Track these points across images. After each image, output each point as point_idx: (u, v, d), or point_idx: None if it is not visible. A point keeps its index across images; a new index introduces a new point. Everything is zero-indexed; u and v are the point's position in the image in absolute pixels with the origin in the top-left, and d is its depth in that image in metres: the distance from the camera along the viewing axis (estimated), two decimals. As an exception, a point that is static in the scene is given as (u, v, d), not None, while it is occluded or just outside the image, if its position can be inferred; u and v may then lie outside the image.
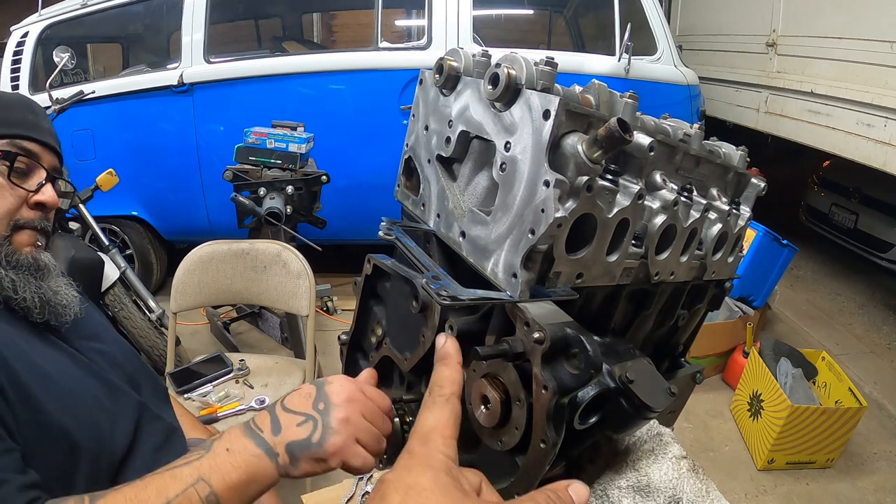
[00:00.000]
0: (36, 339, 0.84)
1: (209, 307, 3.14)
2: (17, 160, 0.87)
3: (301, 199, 2.42)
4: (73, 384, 0.83)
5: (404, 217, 0.71)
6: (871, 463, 2.45)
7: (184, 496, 0.61)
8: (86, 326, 0.96)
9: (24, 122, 0.90)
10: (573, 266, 0.53)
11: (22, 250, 0.86)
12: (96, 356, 0.94)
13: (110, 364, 0.95)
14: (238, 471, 0.62)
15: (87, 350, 0.93)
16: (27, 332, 0.84)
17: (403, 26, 4.51)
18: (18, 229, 0.87)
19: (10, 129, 0.88)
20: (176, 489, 0.61)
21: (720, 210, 0.69)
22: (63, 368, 0.84)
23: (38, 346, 0.83)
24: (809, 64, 3.55)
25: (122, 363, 0.99)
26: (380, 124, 3.34)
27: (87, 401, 0.84)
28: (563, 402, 0.50)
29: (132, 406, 0.91)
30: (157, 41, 4.15)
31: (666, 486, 0.55)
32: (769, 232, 2.98)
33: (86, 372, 0.88)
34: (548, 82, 0.52)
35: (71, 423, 0.79)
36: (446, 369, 0.47)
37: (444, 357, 0.48)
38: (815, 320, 3.67)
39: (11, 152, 0.87)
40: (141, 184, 3.41)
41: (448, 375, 0.47)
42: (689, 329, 0.79)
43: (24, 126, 0.90)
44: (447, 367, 0.47)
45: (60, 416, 0.78)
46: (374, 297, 0.76)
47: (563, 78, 0.53)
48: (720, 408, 2.74)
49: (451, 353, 0.49)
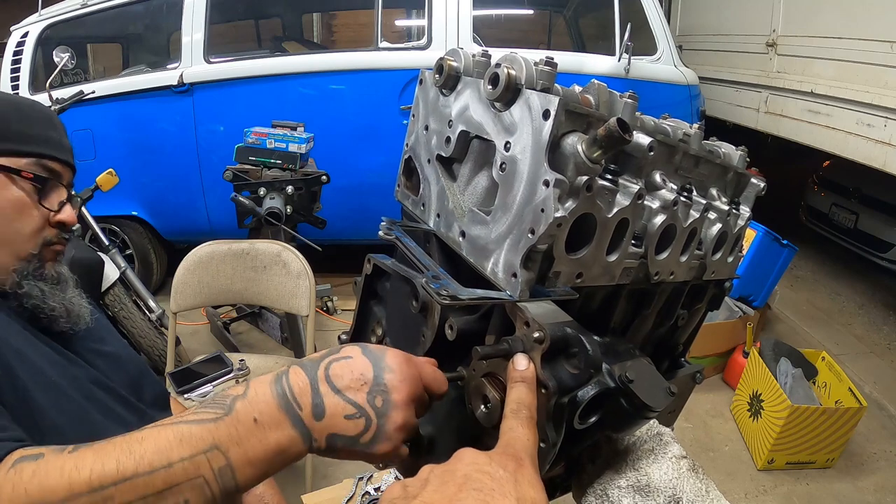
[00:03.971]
0: (38, 341, 0.85)
1: (209, 307, 3.14)
2: (47, 183, 0.89)
3: (301, 199, 2.42)
4: (70, 384, 0.84)
5: (404, 217, 0.72)
6: (871, 463, 2.45)
7: (191, 462, 0.51)
8: (91, 332, 0.97)
9: (49, 140, 0.91)
10: (573, 266, 0.53)
11: (45, 265, 0.90)
12: (100, 362, 0.94)
13: (114, 370, 0.96)
14: (265, 447, 0.52)
15: (92, 356, 0.94)
16: (29, 334, 0.85)
17: (403, 26, 4.51)
18: (45, 246, 0.90)
19: (36, 148, 0.89)
20: (181, 452, 0.51)
21: (720, 210, 0.69)
22: (61, 371, 0.84)
23: (40, 347, 0.84)
24: (809, 64, 3.55)
25: (127, 368, 1.00)
26: (380, 124, 3.34)
27: (83, 403, 0.84)
28: (562, 401, 0.50)
29: (133, 414, 0.92)
30: (157, 41, 4.15)
31: (666, 485, 0.55)
32: (769, 232, 2.98)
33: (87, 377, 0.88)
34: (547, 82, 0.52)
35: (64, 422, 0.79)
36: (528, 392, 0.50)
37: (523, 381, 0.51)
38: (815, 320, 3.67)
39: (42, 176, 0.89)
40: (141, 184, 3.41)
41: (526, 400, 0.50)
42: (689, 329, 0.79)
43: (49, 145, 0.91)
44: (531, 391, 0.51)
45: (54, 414, 0.78)
46: (374, 296, 0.76)
47: (563, 78, 0.53)
48: (720, 408, 2.74)
49: (529, 376, 0.51)
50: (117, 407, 0.90)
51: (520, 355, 0.52)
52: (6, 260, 0.86)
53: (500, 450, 0.47)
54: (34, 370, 0.79)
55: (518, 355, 0.52)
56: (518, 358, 0.52)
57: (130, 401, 0.93)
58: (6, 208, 0.85)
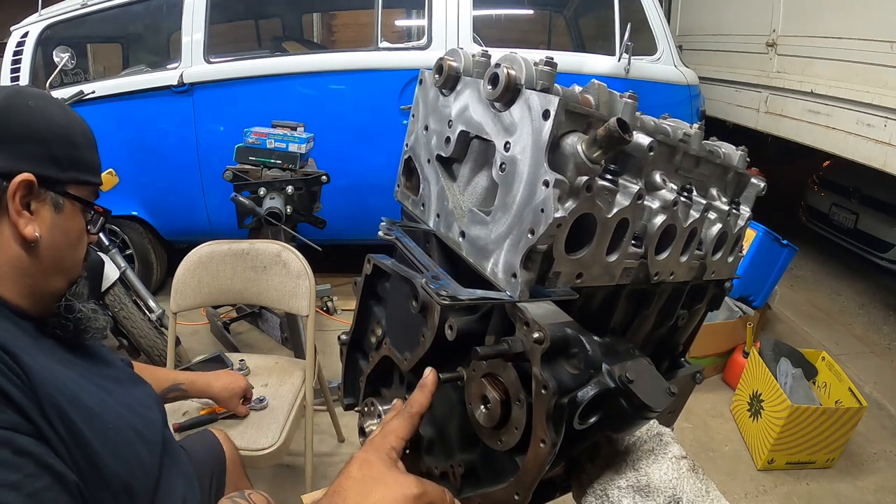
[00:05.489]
0: (73, 370, 0.82)
1: (209, 307, 3.14)
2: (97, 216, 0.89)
3: (301, 199, 2.42)
4: (115, 420, 0.82)
5: (404, 217, 0.72)
6: (871, 463, 2.44)
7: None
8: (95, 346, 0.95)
9: (96, 166, 0.90)
10: (573, 266, 0.53)
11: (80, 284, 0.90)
12: (109, 371, 0.93)
13: (120, 381, 0.95)
14: None
15: (102, 366, 0.93)
16: (65, 365, 0.81)
17: (403, 26, 4.51)
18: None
19: (95, 178, 0.89)
20: None
21: (720, 210, 0.69)
22: (101, 401, 0.82)
23: (78, 378, 0.81)
24: (809, 64, 3.55)
25: (125, 377, 0.98)
26: (380, 124, 3.34)
27: (130, 438, 0.83)
28: (562, 401, 0.50)
29: (158, 432, 0.92)
30: (157, 41, 4.15)
31: (666, 486, 0.55)
32: (769, 232, 2.98)
33: (117, 402, 0.86)
34: (547, 82, 0.52)
35: (124, 469, 0.78)
36: (420, 395, 0.60)
37: (423, 385, 0.61)
38: (815, 320, 3.67)
39: (99, 213, 0.89)
40: (141, 184, 3.40)
41: (419, 399, 0.60)
42: (689, 329, 0.79)
43: (96, 171, 0.90)
44: (422, 393, 0.60)
45: (115, 464, 0.76)
46: (374, 297, 0.76)
47: (562, 78, 0.53)
48: (720, 408, 2.74)
49: (428, 384, 0.60)
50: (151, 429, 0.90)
51: (429, 368, 0.61)
52: (61, 286, 0.85)
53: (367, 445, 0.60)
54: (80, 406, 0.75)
55: (428, 368, 0.61)
56: (427, 369, 0.61)
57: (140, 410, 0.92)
58: (73, 238, 0.85)
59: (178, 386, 1.38)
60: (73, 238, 0.85)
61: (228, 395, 1.52)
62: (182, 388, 1.40)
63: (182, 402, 1.61)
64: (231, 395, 1.53)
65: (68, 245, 0.84)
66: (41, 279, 0.81)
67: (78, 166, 0.85)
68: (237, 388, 1.54)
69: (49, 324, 0.84)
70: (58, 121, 0.82)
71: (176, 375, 1.42)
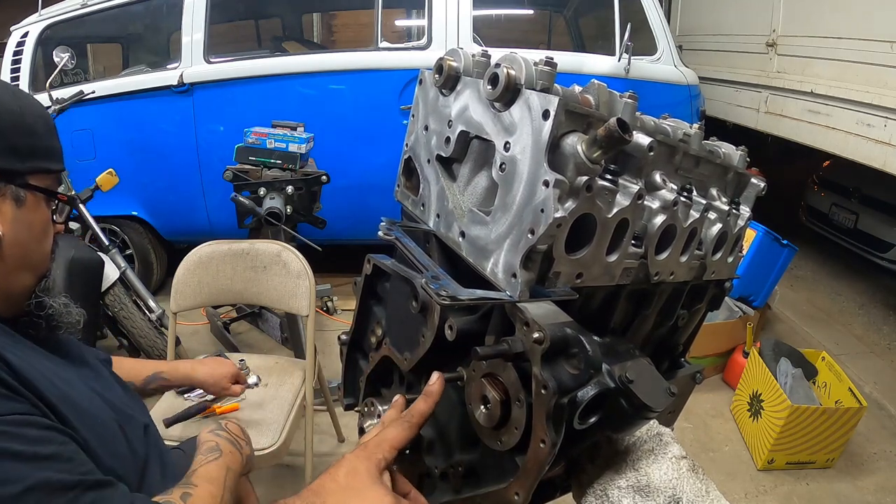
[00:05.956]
0: (57, 366, 0.81)
1: (209, 307, 3.13)
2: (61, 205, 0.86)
3: (301, 199, 2.42)
4: (102, 415, 0.81)
5: (404, 217, 0.71)
6: (871, 463, 2.44)
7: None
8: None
9: (57, 152, 0.85)
10: (573, 266, 0.53)
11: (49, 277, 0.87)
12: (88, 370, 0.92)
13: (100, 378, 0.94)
14: None
15: (80, 364, 0.91)
16: (48, 360, 0.81)
17: (403, 26, 4.51)
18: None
19: (58, 165, 0.84)
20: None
21: (720, 210, 0.69)
22: (88, 396, 0.81)
23: (62, 374, 0.80)
24: (809, 64, 3.55)
25: (105, 375, 0.98)
26: (380, 124, 3.34)
27: (117, 433, 0.82)
28: (562, 401, 0.50)
29: (139, 423, 0.91)
30: (157, 41, 4.15)
31: (666, 486, 0.55)
32: (769, 232, 2.98)
33: (101, 398, 0.85)
34: (547, 82, 0.52)
35: (116, 463, 0.78)
36: (423, 404, 0.59)
37: (428, 394, 0.60)
38: (815, 320, 3.67)
39: (63, 201, 0.85)
40: (141, 184, 3.40)
41: (421, 409, 0.59)
42: (689, 329, 0.79)
43: (58, 157, 0.85)
44: (425, 402, 0.59)
45: (106, 458, 0.76)
46: (374, 297, 0.76)
47: (562, 78, 0.53)
48: (720, 408, 2.74)
49: (433, 392, 0.59)
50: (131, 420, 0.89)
51: (436, 373, 0.60)
52: (29, 283, 0.82)
53: (360, 448, 0.59)
54: (74, 406, 0.75)
55: (435, 373, 0.60)
56: (434, 374, 0.60)
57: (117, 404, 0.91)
58: (38, 232, 0.81)
59: (159, 375, 1.32)
60: (38, 231, 0.81)
61: (213, 381, 1.44)
62: (163, 376, 1.33)
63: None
64: (216, 379, 1.44)
65: (33, 239, 0.80)
66: (7, 279, 0.78)
67: (38, 154, 0.79)
68: (224, 371, 1.46)
69: (21, 324, 0.81)
70: (11, 108, 0.76)
71: (156, 365, 1.36)
